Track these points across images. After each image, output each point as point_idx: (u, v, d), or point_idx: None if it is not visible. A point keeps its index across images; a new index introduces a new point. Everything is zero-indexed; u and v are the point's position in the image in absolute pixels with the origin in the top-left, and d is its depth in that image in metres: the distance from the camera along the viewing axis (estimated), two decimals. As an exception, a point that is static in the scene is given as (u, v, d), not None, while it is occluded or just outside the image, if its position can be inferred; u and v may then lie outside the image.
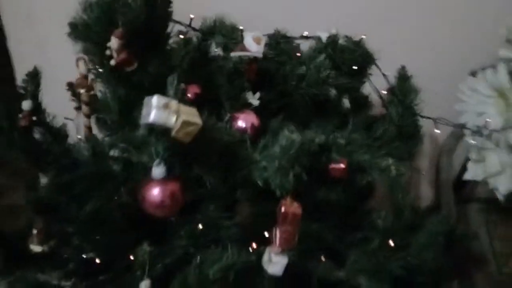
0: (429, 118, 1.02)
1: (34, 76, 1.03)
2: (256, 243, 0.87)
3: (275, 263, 0.74)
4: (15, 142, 0.95)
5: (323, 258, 0.86)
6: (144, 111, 0.61)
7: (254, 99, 0.87)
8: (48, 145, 1.02)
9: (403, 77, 1.11)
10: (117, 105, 0.95)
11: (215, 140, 0.67)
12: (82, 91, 0.97)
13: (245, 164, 0.69)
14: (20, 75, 1.49)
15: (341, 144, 0.81)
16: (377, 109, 1.10)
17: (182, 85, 0.61)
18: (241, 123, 0.82)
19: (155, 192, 0.65)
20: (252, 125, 0.81)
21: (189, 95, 0.89)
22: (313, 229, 0.89)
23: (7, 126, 0.96)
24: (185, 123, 0.58)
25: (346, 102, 1.06)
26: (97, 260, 1.00)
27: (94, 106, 1.01)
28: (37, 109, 1.00)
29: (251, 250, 0.83)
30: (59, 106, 0.98)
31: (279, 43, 0.99)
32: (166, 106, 0.59)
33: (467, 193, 1.31)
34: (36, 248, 0.89)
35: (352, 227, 0.95)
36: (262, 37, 0.86)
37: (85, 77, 0.96)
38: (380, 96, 1.04)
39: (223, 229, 0.92)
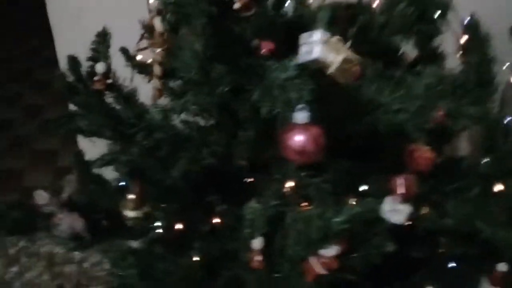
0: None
1: (104, 36, 0.98)
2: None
3: (399, 211, 0.72)
4: (91, 106, 0.91)
5: (426, 209, 0.85)
6: (303, 48, 0.57)
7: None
8: (122, 109, 0.98)
9: (475, 24, 1.08)
10: (197, 62, 0.91)
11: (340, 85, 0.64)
12: (158, 50, 0.92)
13: (368, 109, 0.66)
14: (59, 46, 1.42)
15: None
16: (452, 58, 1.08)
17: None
18: None
19: (298, 137, 0.62)
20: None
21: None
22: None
23: (82, 89, 0.92)
24: (345, 60, 0.55)
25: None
26: (180, 226, 0.98)
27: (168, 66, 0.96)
28: (109, 71, 0.96)
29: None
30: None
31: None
32: (327, 42, 0.55)
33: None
34: (130, 213, 0.86)
35: (445, 176, 0.94)
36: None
37: (161, 34, 0.91)
38: (458, 43, 1.01)
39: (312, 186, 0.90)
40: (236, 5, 0.68)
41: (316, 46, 0.56)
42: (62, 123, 1.06)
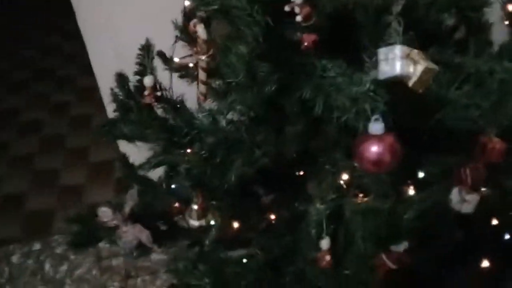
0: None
1: (148, 49, 0.98)
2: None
3: (468, 201, 0.73)
4: (146, 122, 0.91)
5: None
6: (383, 64, 0.57)
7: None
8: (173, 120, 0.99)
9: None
10: (243, 65, 0.90)
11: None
12: (203, 57, 0.91)
13: (437, 107, 0.66)
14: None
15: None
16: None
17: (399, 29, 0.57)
18: None
19: (375, 148, 0.62)
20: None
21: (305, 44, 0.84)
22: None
23: (135, 105, 0.92)
24: (425, 71, 0.55)
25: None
26: (237, 224, 1.00)
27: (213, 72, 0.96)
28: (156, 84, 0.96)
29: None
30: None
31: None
32: (408, 56, 0.55)
33: None
34: (195, 223, 0.88)
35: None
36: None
37: (205, 41, 0.91)
38: (506, 12, 0.98)
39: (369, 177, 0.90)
40: (298, 18, 0.67)
41: (397, 61, 0.55)
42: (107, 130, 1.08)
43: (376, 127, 0.61)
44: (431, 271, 0.83)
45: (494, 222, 0.97)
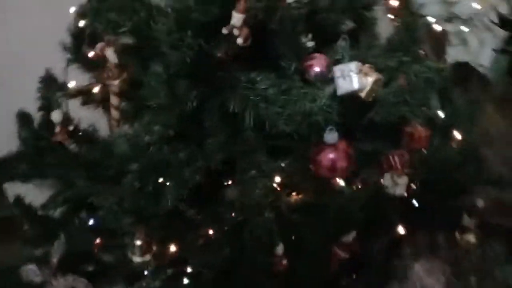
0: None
1: (49, 81, 0.88)
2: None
3: (400, 184, 0.81)
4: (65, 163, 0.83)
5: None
6: (341, 80, 0.58)
7: (310, 42, 0.86)
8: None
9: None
10: (165, 88, 0.87)
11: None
12: (115, 82, 0.86)
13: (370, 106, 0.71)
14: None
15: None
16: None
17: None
18: (316, 68, 0.81)
19: (332, 156, 0.65)
20: (326, 66, 0.80)
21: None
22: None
23: (47, 146, 0.83)
24: (375, 82, 0.58)
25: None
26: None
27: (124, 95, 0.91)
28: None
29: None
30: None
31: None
32: (360, 71, 0.57)
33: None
34: (139, 259, 0.83)
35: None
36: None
37: (116, 65, 0.85)
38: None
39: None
40: (239, 40, 0.67)
41: (354, 77, 0.58)
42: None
43: (330, 136, 0.64)
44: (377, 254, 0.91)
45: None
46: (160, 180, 0.89)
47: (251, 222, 0.91)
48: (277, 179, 0.97)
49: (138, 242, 0.80)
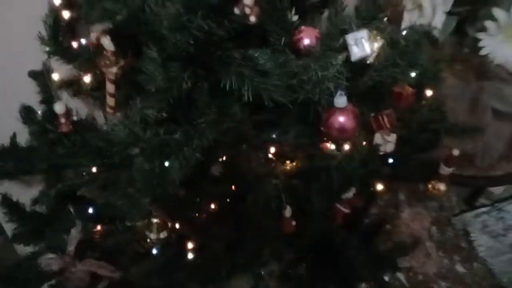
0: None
1: (45, 73, 0.88)
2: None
3: (390, 142, 0.89)
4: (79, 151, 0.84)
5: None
6: (354, 47, 0.64)
7: (294, 16, 0.91)
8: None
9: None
10: (161, 72, 0.90)
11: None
12: (114, 69, 0.87)
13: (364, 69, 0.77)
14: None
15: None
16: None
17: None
18: (307, 41, 0.86)
19: (342, 118, 0.71)
20: (316, 37, 0.86)
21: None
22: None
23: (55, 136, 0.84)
24: (381, 47, 0.65)
25: None
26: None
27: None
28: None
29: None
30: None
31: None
32: (370, 37, 0.64)
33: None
34: (155, 236, 0.87)
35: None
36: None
37: (113, 53, 0.87)
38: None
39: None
40: (252, 19, 0.71)
41: (365, 43, 0.64)
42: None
43: (341, 101, 0.71)
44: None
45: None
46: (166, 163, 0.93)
47: (255, 192, 0.98)
48: (272, 149, 1.04)
49: (155, 220, 0.84)
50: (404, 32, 0.78)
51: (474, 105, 1.62)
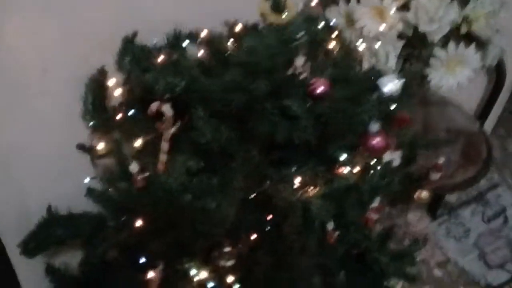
0: None
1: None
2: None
3: (396, 158, 1.14)
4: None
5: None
6: (387, 88, 0.88)
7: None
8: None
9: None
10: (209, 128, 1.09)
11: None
12: (171, 130, 1.05)
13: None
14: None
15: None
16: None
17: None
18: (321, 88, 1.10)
19: (379, 140, 0.95)
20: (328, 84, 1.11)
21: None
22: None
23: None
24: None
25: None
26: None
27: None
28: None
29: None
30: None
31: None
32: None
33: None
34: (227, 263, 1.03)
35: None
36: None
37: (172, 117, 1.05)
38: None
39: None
40: (303, 75, 0.93)
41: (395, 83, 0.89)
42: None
43: (374, 127, 0.95)
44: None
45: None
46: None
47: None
48: (297, 180, 1.24)
49: (227, 249, 1.00)
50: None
51: (427, 126, 1.93)
